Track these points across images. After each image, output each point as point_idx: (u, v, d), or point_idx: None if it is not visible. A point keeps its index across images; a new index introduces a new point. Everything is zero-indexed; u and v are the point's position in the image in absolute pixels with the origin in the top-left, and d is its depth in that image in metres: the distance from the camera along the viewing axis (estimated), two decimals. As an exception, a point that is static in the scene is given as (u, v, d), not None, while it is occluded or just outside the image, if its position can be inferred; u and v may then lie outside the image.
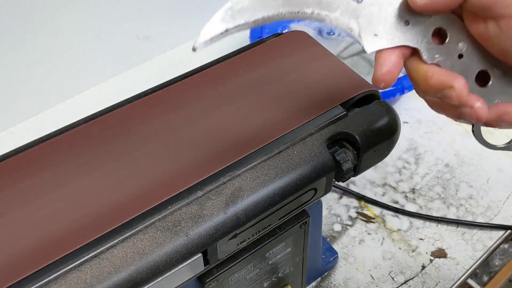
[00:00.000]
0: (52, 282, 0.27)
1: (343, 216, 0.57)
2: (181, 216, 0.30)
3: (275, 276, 0.42)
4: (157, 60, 0.75)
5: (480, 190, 0.59)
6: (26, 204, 0.30)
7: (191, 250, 0.29)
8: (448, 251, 0.54)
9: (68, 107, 0.68)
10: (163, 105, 0.36)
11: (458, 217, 0.56)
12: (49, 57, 0.63)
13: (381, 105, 0.36)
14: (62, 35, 0.63)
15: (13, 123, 0.66)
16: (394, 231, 0.55)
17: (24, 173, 0.32)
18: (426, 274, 0.52)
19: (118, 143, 0.34)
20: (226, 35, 0.25)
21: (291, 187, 0.32)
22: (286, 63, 0.39)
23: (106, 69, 0.71)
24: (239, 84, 0.38)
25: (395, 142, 0.36)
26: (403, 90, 0.58)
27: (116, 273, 0.27)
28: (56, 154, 0.33)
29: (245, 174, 0.32)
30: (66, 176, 0.32)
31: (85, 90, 0.70)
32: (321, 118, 0.35)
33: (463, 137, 0.64)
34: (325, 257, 0.51)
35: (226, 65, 0.39)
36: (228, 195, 0.31)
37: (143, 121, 0.35)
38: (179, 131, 0.34)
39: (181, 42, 0.76)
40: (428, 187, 0.59)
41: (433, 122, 0.66)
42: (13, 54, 0.60)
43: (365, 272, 0.52)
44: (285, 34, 0.42)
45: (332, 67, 0.39)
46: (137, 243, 0.28)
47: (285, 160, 0.33)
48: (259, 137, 0.34)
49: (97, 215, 0.29)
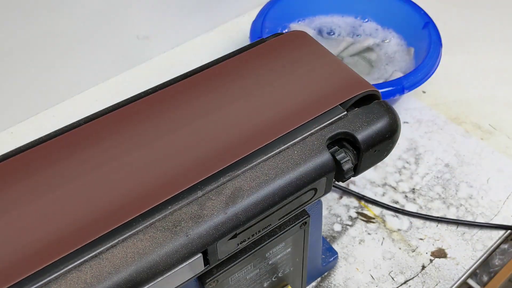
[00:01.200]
0: (52, 282, 0.27)
1: (343, 216, 0.57)
2: (181, 216, 0.30)
3: (275, 276, 0.42)
4: (157, 60, 0.75)
5: (480, 190, 0.59)
6: (26, 204, 0.30)
7: (191, 250, 0.29)
8: (448, 251, 0.54)
9: (68, 107, 0.68)
10: (163, 105, 0.36)
11: (458, 217, 0.56)
12: (49, 57, 0.63)
13: (381, 105, 0.36)
14: (62, 35, 0.63)
15: (13, 123, 0.66)
16: (394, 231, 0.55)
17: (24, 173, 0.32)
18: (426, 274, 0.52)
19: (118, 143, 0.34)
20: None
21: (291, 187, 0.32)
22: (286, 63, 0.39)
23: (106, 69, 0.71)
24: (239, 84, 0.38)
25: (395, 142, 0.36)
26: (403, 90, 0.58)
27: (116, 273, 0.27)
28: (56, 154, 0.33)
29: (245, 174, 0.32)
30: (66, 176, 0.32)
31: (85, 90, 0.70)
32: (321, 118, 0.35)
33: (463, 137, 0.64)
34: (325, 257, 0.51)
35: (226, 65, 0.39)
36: (228, 195, 0.31)
37: (143, 121, 0.35)
38: (179, 131, 0.34)
39: (181, 42, 0.76)
40: (428, 187, 0.59)
41: (433, 122, 0.66)
42: (13, 54, 0.60)
43: (365, 272, 0.52)
44: (285, 34, 0.42)
45: (332, 67, 0.39)
46: (137, 243, 0.28)
47: (285, 160, 0.33)
48: (259, 137, 0.34)
49: (97, 215, 0.30)
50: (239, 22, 0.80)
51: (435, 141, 0.64)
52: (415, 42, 0.69)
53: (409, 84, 0.59)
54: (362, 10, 0.75)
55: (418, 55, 0.68)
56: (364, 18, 0.75)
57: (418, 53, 0.68)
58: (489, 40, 0.77)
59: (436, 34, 0.65)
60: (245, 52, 0.41)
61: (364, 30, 0.74)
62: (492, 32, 0.78)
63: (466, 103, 0.69)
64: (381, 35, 0.73)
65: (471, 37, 0.78)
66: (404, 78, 0.59)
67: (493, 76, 0.72)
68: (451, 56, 0.73)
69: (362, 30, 0.74)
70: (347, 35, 0.73)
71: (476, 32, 0.78)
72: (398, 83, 0.58)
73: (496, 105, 0.68)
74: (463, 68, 0.73)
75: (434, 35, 0.65)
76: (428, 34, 0.66)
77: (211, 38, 0.78)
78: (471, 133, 0.65)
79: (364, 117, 0.35)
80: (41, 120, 0.67)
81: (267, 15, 0.67)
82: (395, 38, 0.72)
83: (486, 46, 0.76)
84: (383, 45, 0.71)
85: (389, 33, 0.73)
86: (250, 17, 0.77)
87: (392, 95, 0.58)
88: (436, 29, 0.66)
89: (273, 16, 0.69)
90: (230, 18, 0.80)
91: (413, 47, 0.70)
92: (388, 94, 0.58)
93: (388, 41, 0.71)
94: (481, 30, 0.79)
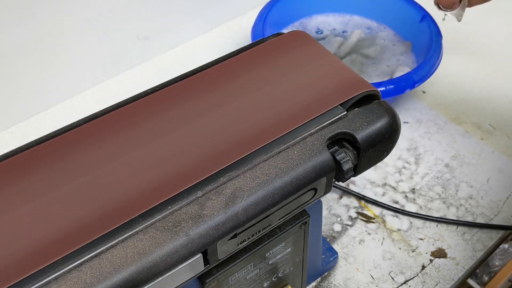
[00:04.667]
0: (52, 282, 0.27)
1: (343, 216, 0.57)
2: (181, 216, 0.30)
3: (275, 276, 0.42)
4: (157, 60, 0.75)
5: (480, 190, 0.59)
6: (26, 204, 0.30)
7: (191, 250, 0.29)
8: (448, 251, 0.54)
9: (68, 107, 0.68)
10: (163, 105, 0.36)
11: (458, 217, 0.56)
12: (49, 57, 0.63)
13: (381, 105, 0.36)
14: (62, 35, 0.63)
15: (13, 123, 0.66)
16: (394, 231, 0.55)
17: (24, 173, 0.32)
18: (426, 274, 0.52)
19: (117, 143, 0.34)
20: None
21: (291, 187, 0.32)
22: (286, 63, 0.39)
23: (106, 69, 0.71)
24: (239, 84, 0.38)
25: (395, 142, 0.36)
26: (403, 90, 0.58)
27: (116, 273, 0.27)
28: (56, 154, 0.33)
29: (245, 174, 0.32)
30: (66, 176, 0.32)
31: (85, 90, 0.70)
32: (321, 118, 0.35)
33: (463, 137, 0.64)
34: (325, 257, 0.51)
35: (226, 65, 0.39)
36: (228, 195, 0.31)
37: (143, 121, 0.35)
38: (179, 131, 0.34)
39: (181, 42, 0.76)
40: (428, 187, 0.59)
41: (433, 122, 0.66)
42: (13, 54, 0.60)
43: (365, 272, 0.52)
44: (285, 34, 0.42)
45: (332, 66, 0.39)
46: (137, 243, 0.28)
47: (285, 160, 0.33)
48: (259, 137, 0.34)
49: (97, 215, 0.30)
50: (239, 22, 0.80)
51: (435, 141, 0.64)
52: (412, 36, 0.70)
53: (409, 83, 0.59)
54: (356, 7, 0.75)
55: (417, 49, 0.68)
56: (359, 15, 0.75)
57: (416, 47, 0.69)
58: (489, 40, 0.77)
59: (435, 26, 0.65)
60: (245, 52, 0.41)
61: (357, 27, 0.74)
62: (492, 32, 0.78)
63: (466, 103, 0.69)
64: (376, 30, 0.73)
65: (471, 37, 0.78)
66: (404, 78, 0.59)
67: (493, 76, 0.72)
68: (451, 56, 0.73)
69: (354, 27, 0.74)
70: (337, 33, 0.73)
71: (476, 32, 0.78)
72: (398, 82, 0.58)
73: (496, 105, 0.68)
74: (463, 68, 0.73)
75: (434, 27, 0.65)
76: (427, 26, 0.66)
77: (211, 38, 0.78)
78: (471, 133, 0.65)
79: (364, 117, 0.35)
80: (41, 120, 0.67)
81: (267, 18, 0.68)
82: (391, 33, 0.72)
83: (486, 46, 0.76)
84: (380, 42, 0.71)
85: (384, 28, 0.73)
86: (250, 17, 0.77)
87: (392, 95, 0.58)
88: (434, 21, 0.66)
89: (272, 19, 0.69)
90: (230, 18, 0.80)
91: (410, 41, 0.70)
92: (388, 94, 0.58)
93: (383, 40, 0.71)
94: (481, 30, 0.79)
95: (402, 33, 0.72)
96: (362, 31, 0.72)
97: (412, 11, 0.69)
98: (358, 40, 0.71)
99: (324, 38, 0.73)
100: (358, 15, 0.75)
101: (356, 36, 0.71)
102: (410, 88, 0.58)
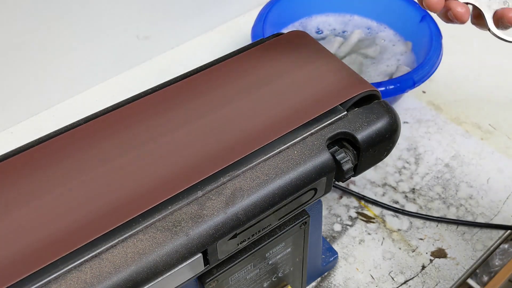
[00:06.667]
0: (52, 282, 0.27)
1: (343, 216, 0.57)
2: (181, 216, 0.30)
3: (275, 276, 0.42)
4: (157, 60, 0.75)
5: (480, 190, 0.59)
6: (26, 204, 0.30)
7: (191, 250, 0.29)
8: (448, 251, 0.54)
9: (68, 107, 0.68)
10: (163, 105, 0.36)
11: (458, 217, 0.56)
12: (49, 57, 0.63)
13: (381, 105, 0.36)
14: (62, 35, 0.63)
15: (13, 123, 0.66)
16: (394, 231, 0.55)
17: (24, 173, 0.32)
18: (426, 274, 0.52)
19: (118, 143, 0.34)
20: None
21: (291, 187, 0.32)
22: (286, 63, 0.39)
23: (106, 69, 0.71)
24: (239, 84, 0.38)
25: (395, 142, 0.36)
26: (403, 90, 0.58)
27: (116, 273, 0.27)
28: (56, 154, 0.33)
29: (245, 174, 0.32)
30: (66, 176, 0.32)
31: (85, 90, 0.70)
32: (321, 118, 0.35)
33: (463, 137, 0.64)
34: (325, 257, 0.51)
35: (226, 65, 0.39)
36: (228, 195, 0.31)
37: (143, 121, 0.35)
38: (179, 131, 0.34)
39: (181, 42, 0.76)
40: (428, 187, 0.59)
41: (433, 122, 0.66)
42: (13, 54, 0.60)
43: (365, 272, 0.52)
44: (285, 34, 0.42)
45: (332, 66, 0.39)
46: (137, 243, 0.28)
47: (285, 160, 0.33)
48: (259, 137, 0.34)
49: (97, 215, 0.30)
50: (239, 22, 0.80)
51: (435, 141, 0.64)
52: (412, 36, 0.70)
53: (409, 83, 0.59)
54: (356, 7, 0.75)
55: (417, 49, 0.68)
56: (359, 15, 0.75)
57: (416, 47, 0.69)
58: (489, 40, 0.77)
59: (435, 26, 0.65)
60: (245, 52, 0.41)
61: (357, 27, 0.74)
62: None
63: (466, 103, 0.69)
64: (376, 30, 0.73)
65: (471, 37, 0.78)
66: (404, 77, 0.59)
67: (493, 76, 0.72)
68: (451, 56, 0.73)
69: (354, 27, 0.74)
70: (337, 33, 0.73)
71: (476, 32, 0.78)
72: (397, 82, 0.58)
73: (496, 105, 0.68)
74: (463, 68, 0.73)
75: (434, 27, 0.65)
76: (427, 26, 0.66)
77: (211, 38, 0.78)
78: (471, 133, 0.65)
79: (364, 117, 0.35)
80: (41, 120, 0.67)
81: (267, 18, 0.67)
82: (391, 33, 0.72)
83: (486, 46, 0.76)
84: (380, 42, 0.71)
85: (384, 28, 0.73)
86: (250, 17, 0.77)
87: (392, 95, 0.58)
88: (434, 21, 0.66)
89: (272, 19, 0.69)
90: (230, 18, 0.80)
91: (410, 41, 0.70)
92: (388, 94, 0.58)
93: (383, 40, 0.71)
94: (481, 30, 0.78)
95: (402, 33, 0.72)
96: (362, 31, 0.72)
97: (412, 11, 0.69)
98: (358, 40, 0.71)
99: (324, 38, 0.73)
100: (358, 15, 0.75)
101: (356, 36, 0.71)
102: (410, 88, 0.58)
